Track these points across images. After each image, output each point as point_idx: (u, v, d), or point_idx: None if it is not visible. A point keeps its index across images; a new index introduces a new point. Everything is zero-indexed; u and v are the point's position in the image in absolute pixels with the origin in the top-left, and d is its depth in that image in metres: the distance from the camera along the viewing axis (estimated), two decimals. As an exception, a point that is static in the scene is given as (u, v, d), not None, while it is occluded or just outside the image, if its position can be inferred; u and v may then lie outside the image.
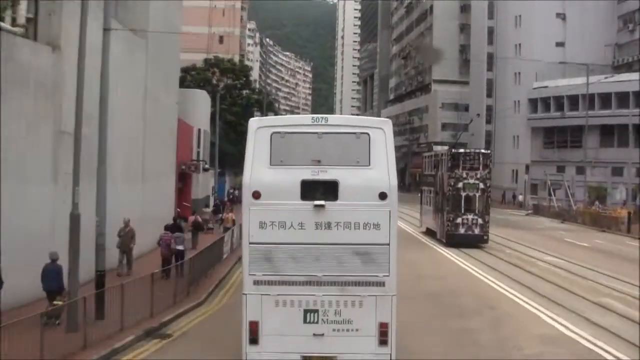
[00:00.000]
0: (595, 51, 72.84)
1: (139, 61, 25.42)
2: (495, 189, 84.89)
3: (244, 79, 67.74)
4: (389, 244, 11.03)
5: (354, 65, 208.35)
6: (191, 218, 32.46)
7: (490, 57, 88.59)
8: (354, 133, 11.36)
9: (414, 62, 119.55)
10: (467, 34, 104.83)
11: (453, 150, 34.35)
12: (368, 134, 11.26)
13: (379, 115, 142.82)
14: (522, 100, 79.40)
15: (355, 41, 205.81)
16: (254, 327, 10.95)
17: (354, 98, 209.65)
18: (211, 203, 46.08)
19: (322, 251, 11.00)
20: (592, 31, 75.06)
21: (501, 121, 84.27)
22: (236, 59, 73.91)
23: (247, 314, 11.02)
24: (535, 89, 77.43)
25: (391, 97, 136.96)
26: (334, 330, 11.00)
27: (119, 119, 21.53)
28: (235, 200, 53.23)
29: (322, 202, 10.98)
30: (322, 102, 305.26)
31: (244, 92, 66.80)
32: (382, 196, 11.02)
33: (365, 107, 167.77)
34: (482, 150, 36.16)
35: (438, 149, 48.47)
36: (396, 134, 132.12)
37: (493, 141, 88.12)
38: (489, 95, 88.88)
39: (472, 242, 32.11)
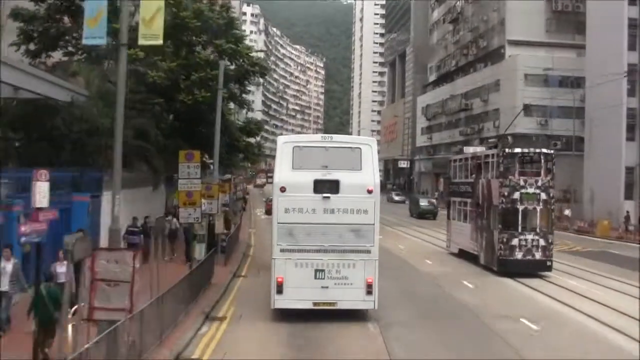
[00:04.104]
0: None
1: None
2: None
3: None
4: (373, 224, 15.64)
5: (374, 52, 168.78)
6: None
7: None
8: (350, 147, 16.23)
9: (470, 22, 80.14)
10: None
11: (507, 150, 25.44)
12: (360, 148, 16.04)
13: (414, 105, 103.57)
14: None
15: (377, 24, 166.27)
16: (279, 282, 15.44)
17: (374, 92, 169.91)
18: None
19: (327, 228, 15.53)
20: None
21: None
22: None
23: (275, 272, 15.54)
24: None
25: (431, 78, 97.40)
26: (335, 284, 15.53)
27: None
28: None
29: (328, 195, 15.51)
30: (336, 104, 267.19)
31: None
32: (369, 191, 15.55)
33: (394, 96, 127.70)
34: (544, 150, 26.08)
35: (470, 150, 32.31)
36: (444, 126, 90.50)
37: (641, 126, 48.62)
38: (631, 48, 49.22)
39: (532, 270, 24.26)
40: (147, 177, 27.91)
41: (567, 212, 53.73)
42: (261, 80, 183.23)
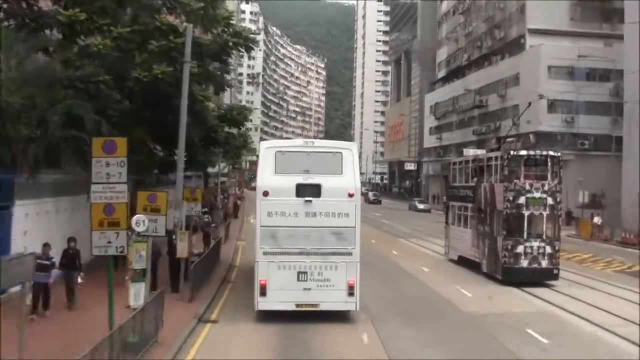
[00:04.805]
0: None
1: None
2: None
3: None
4: (355, 227, 15.61)
5: (377, 51, 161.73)
6: None
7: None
8: (331, 152, 16.32)
9: (484, 11, 73.19)
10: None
11: (512, 152, 24.19)
12: (341, 152, 16.15)
13: (422, 104, 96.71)
14: None
15: (380, 21, 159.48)
16: (263, 284, 15.38)
17: (378, 91, 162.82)
18: None
19: (309, 232, 15.52)
20: None
21: None
22: None
23: (258, 275, 15.45)
24: None
25: (440, 75, 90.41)
26: (317, 286, 15.49)
27: None
28: None
29: (310, 198, 15.51)
30: (337, 106, 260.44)
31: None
32: (350, 195, 15.60)
33: (398, 95, 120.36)
34: (551, 152, 24.54)
35: (471, 152, 30.82)
36: (455, 125, 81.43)
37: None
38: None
39: (538, 278, 22.72)
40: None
41: (596, 219, 46.81)
42: (260, 80, 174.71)
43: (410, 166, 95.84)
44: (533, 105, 58.54)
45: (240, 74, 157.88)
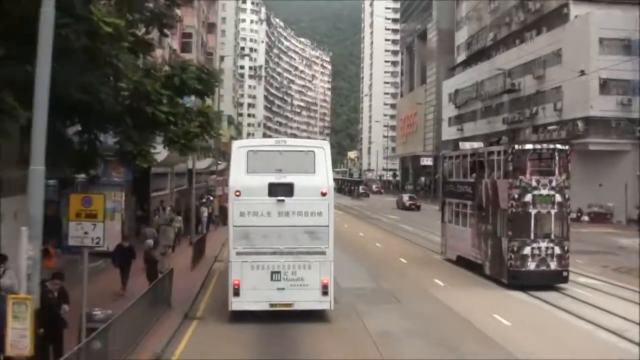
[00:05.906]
0: None
1: None
2: None
3: None
4: (328, 226, 15.34)
5: (386, 40, 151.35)
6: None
7: None
8: (304, 151, 16.28)
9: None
10: None
11: (517, 146, 22.95)
12: (313, 151, 15.90)
13: (439, 92, 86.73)
14: None
15: (388, 8, 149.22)
16: (236, 284, 15.11)
17: (387, 83, 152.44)
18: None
19: (283, 231, 15.24)
20: None
21: None
22: None
23: (231, 275, 15.17)
24: None
25: (459, 59, 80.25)
26: (291, 285, 15.26)
27: None
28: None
29: (282, 198, 15.23)
30: (343, 101, 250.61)
31: None
32: (323, 193, 15.31)
33: (411, 83, 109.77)
34: (558, 146, 23.11)
35: (467, 145, 28.98)
36: (480, 114, 68.58)
37: None
38: None
39: (547, 281, 21.19)
40: None
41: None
42: (263, 74, 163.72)
43: (427, 161, 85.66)
44: (581, 86, 48.70)
45: (242, 67, 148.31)
